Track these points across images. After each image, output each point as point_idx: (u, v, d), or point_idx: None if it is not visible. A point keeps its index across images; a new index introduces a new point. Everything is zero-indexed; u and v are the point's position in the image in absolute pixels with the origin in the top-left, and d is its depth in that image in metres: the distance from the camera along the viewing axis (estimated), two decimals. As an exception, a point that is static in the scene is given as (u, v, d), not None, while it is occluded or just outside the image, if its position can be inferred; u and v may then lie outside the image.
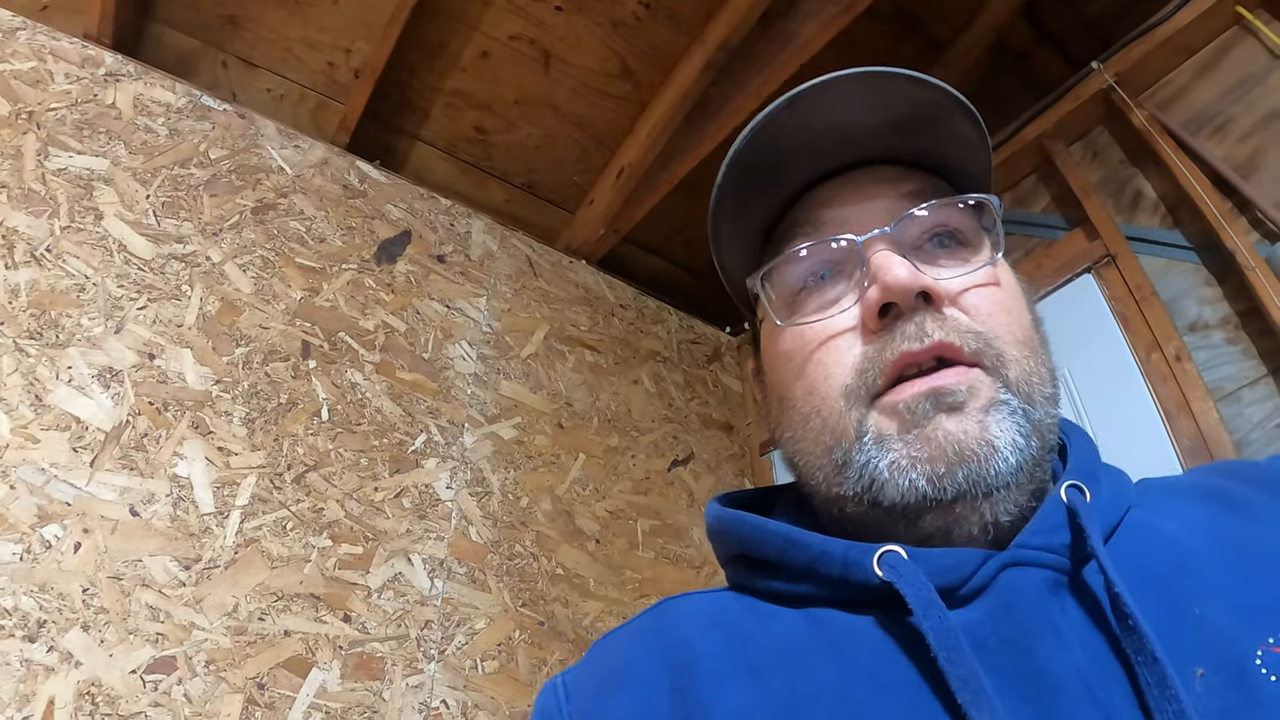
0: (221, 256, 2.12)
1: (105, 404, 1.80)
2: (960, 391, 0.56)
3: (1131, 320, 2.17)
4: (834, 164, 0.67)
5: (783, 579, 0.60)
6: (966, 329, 0.58)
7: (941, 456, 0.55)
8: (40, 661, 1.52)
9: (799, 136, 0.64)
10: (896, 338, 0.58)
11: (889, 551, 0.54)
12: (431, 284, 2.47)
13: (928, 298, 0.59)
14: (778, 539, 0.60)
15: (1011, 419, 0.56)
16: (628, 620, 0.66)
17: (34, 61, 2.10)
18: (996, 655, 0.49)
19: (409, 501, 2.10)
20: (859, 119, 0.64)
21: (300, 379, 2.10)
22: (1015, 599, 0.51)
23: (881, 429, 0.57)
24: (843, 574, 0.56)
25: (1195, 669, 0.47)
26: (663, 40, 2.55)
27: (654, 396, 2.77)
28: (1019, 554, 0.53)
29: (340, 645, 1.83)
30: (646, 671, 0.58)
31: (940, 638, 0.49)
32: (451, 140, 2.74)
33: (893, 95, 0.63)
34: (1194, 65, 2.29)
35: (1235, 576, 0.52)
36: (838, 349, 0.61)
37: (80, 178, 2.01)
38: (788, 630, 0.57)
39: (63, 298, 1.86)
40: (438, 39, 2.50)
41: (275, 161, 2.34)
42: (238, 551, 1.81)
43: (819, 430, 0.61)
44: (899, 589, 0.52)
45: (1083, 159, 2.50)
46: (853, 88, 0.62)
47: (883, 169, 0.67)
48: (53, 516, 1.64)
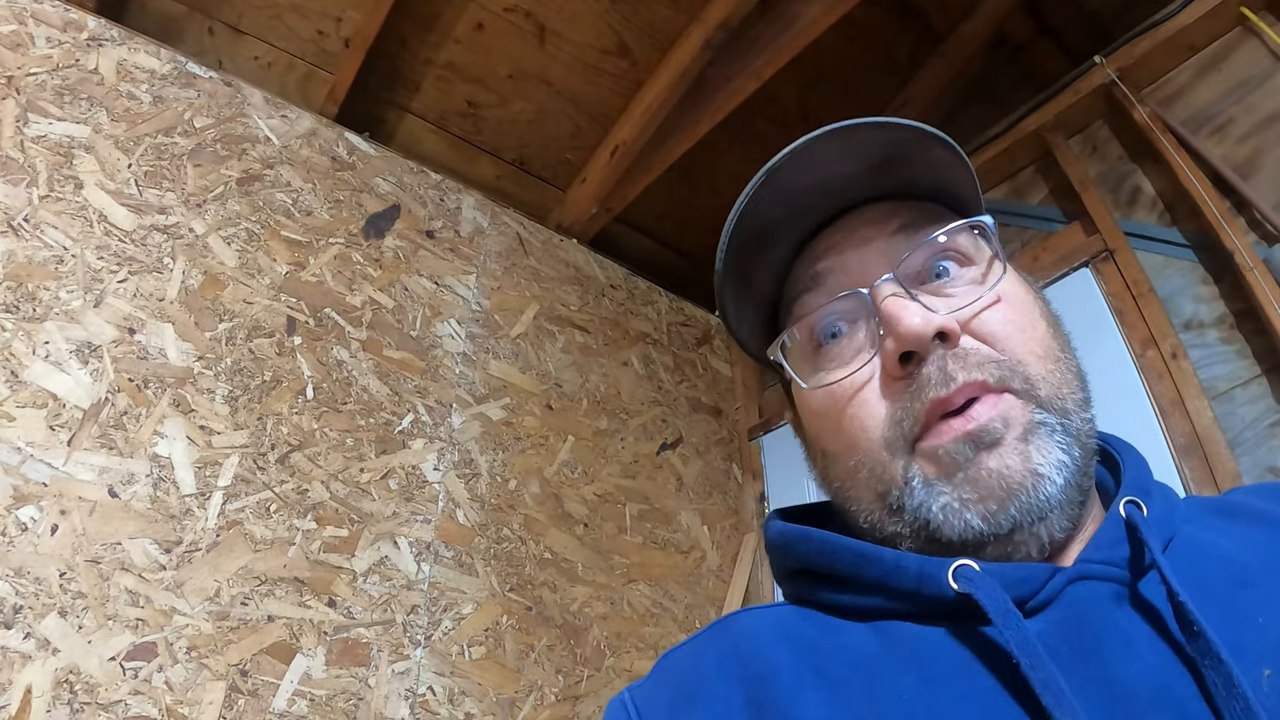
0: (205, 228, 2.04)
1: (83, 380, 1.73)
2: (996, 428, 0.56)
3: (1128, 316, 2.16)
4: (822, 216, 0.68)
5: (851, 593, 0.61)
6: (988, 359, 0.59)
7: (991, 495, 0.56)
8: (16, 649, 1.45)
9: (781, 205, 0.66)
10: (924, 385, 0.59)
11: (963, 565, 0.55)
12: (420, 260, 2.40)
13: (944, 336, 0.59)
14: (850, 553, 0.61)
15: (1051, 439, 0.57)
16: (691, 636, 0.66)
17: (14, 24, 2.00)
18: (1070, 663, 0.50)
19: (395, 483, 2.04)
20: (835, 171, 0.65)
21: (285, 356, 2.03)
22: (1084, 610, 0.53)
23: (926, 475, 0.58)
24: (916, 587, 0.57)
25: (1263, 670, 0.48)
26: (661, 17, 2.48)
27: (643, 379, 2.72)
28: (1085, 568, 0.55)
29: (325, 631, 1.78)
30: (720, 686, 0.58)
31: (1021, 645, 0.49)
32: (442, 113, 2.66)
33: (863, 143, 0.64)
34: (1196, 64, 2.28)
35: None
36: (868, 403, 0.62)
37: (60, 145, 1.93)
38: (858, 642, 0.58)
39: (40, 269, 1.78)
40: (431, 9, 2.42)
41: (262, 131, 2.26)
42: (220, 534, 1.75)
43: (868, 479, 0.62)
44: (977, 599, 0.52)
45: (1082, 153, 2.48)
46: (822, 146, 0.63)
47: (870, 209, 0.68)
48: (29, 498, 1.57)
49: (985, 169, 2.61)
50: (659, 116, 2.57)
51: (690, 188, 2.87)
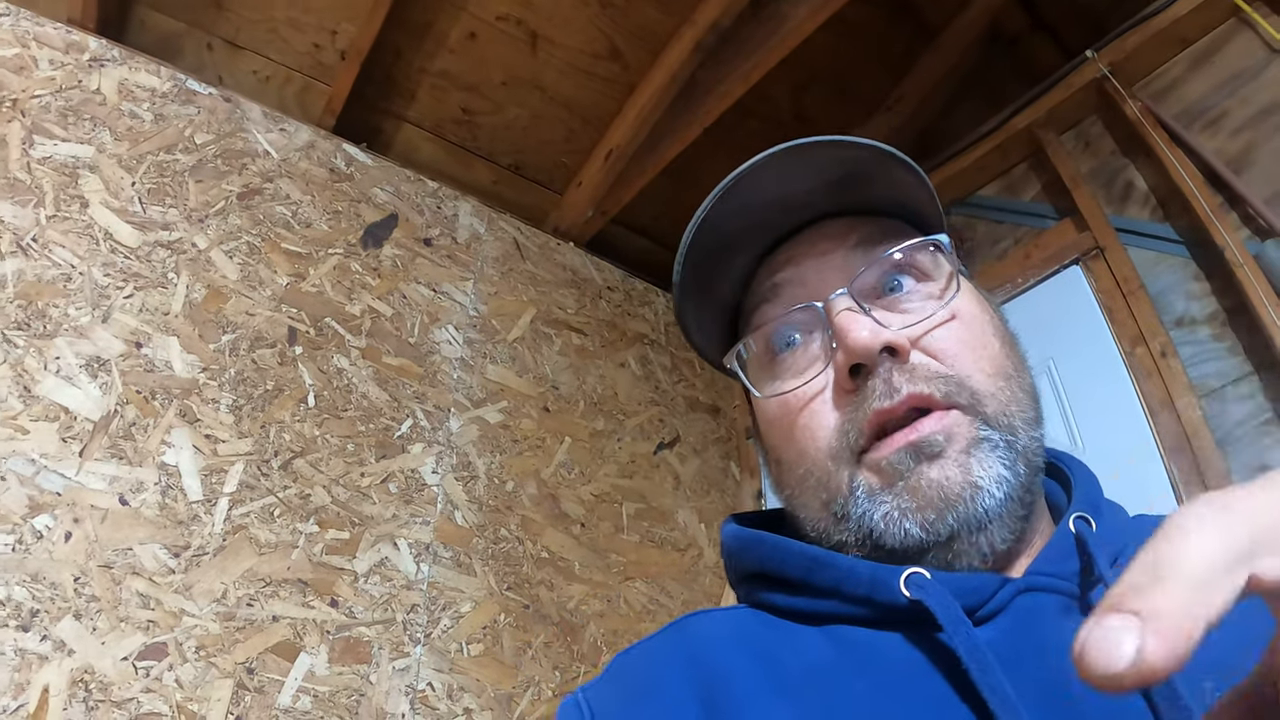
0: (207, 243, 2.17)
1: (93, 393, 1.86)
2: (938, 440, 0.60)
3: (1118, 313, 2.22)
4: (781, 231, 0.71)
5: (805, 597, 0.64)
6: (936, 374, 0.62)
7: (930, 504, 0.59)
8: (34, 650, 1.59)
9: (741, 219, 0.69)
10: (869, 396, 0.62)
11: (915, 573, 0.58)
12: (418, 268, 2.52)
13: (893, 350, 0.62)
14: (803, 558, 0.64)
15: (994, 454, 0.60)
16: (646, 637, 0.69)
17: (17, 48, 2.14)
18: (1017, 670, 0.52)
19: (395, 486, 2.16)
20: (794, 188, 0.68)
21: (286, 365, 2.15)
22: (1032, 620, 0.56)
23: (869, 484, 0.62)
24: (869, 593, 0.60)
25: (1204, 683, 0.50)
26: (652, 20, 2.58)
27: (640, 379, 2.83)
28: (1033, 580, 0.58)
29: (328, 630, 1.91)
30: (673, 686, 0.61)
31: (970, 651, 0.52)
32: (438, 121, 2.78)
33: (821, 161, 0.67)
34: (1189, 57, 2.32)
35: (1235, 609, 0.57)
36: (818, 413, 0.65)
37: (65, 166, 2.06)
38: (812, 647, 0.61)
39: (49, 288, 1.91)
40: (424, 19, 2.54)
41: (261, 145, 2.39)
42: (226, 538, 1.88)
43: (815, 488, 0.65)
44: (928, 606, 0.56)
45: (1074, 148, 2.54)
46: (779, 164, 0.66)
47: (829, 224, 0.71)
48: (43, 507, 1.71)
49: (978, 165, 2.68)
50: (651, 119, 2.67)
51: (686, 187, 2.95)
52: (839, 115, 3.00)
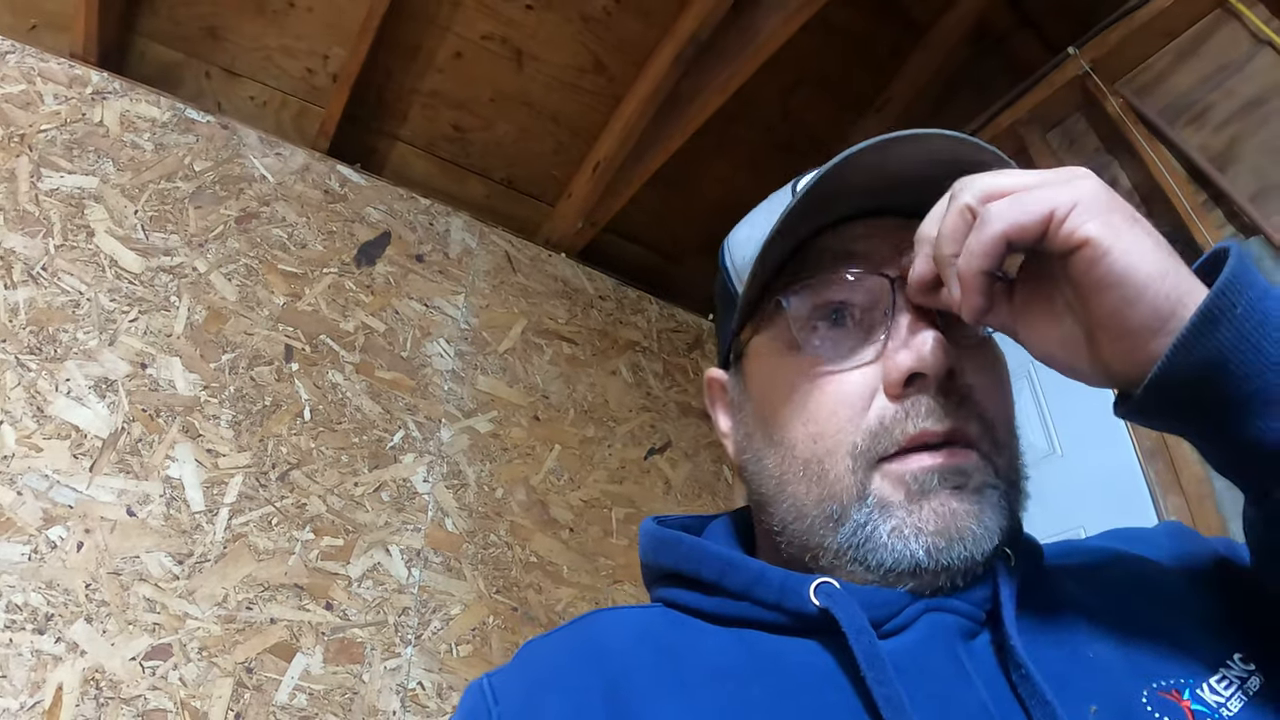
0: (207, 267, 2.42)
1: (102, 412, 2.12)
2: (965, 471, 0.62)
3: None
4: (875, 205, 0.69)
5: (718, 598, 0.66)
6: (977, 414, 0.64)
7: (944, 532, 0.60)
8: (49, 651, 1.84)
9: (867, 176, 0.65)
10: (920, 412, 0.62)
11: (824, 582, 0.62)
12: (410, 284, 2.76)
13: (951, 373, 0.63)
14: (717, 560, 0.67)
15: (997, 506, 0.62)
16: (554, 629, 0.71)
17: (24, 84, 2.40)
18: (915, 683, 0.56)
19: (387, 495, 2.40)
20: (913, 170, 0.65)
21: (283, 382, 2.40)
22: (934, 637, 0.60)
23: (885, 495, 0.62)
24: (778, 599, 0.63)
25: (1089, 706, 0.56)
26: (634, 34, 2.79)
27: (631, 386, 3.05)
28: (941, 601, 0.62)
29: (323, 631, 2.15)
30: (578, 677, 0.63)
31: (870, 660, 0.56)
32: (430, 139, 3.02)
33: (955, 154, 0.63)
34: (1174, 50, 2.37)
35: (1123, 632, 0.61)
36: (853, 404, 0.64)
37: (72, 197, 2.32)
38: (717, 649, 0.64)
39: (59, 314, 2.17)
40: (412, 41, 2.77)
41: (258, 170, 2.64)
42: (227, 546, 2.13)
43: (817, 478, 0.65)
44: (834, 614, 0.59)
45: (1059, 146, 2.62)
46: (932, 142, 0.63)
47: (909, 220, 0.67)
48: (56, 519, 1.97)
49: None
50: (637, 131, 2.87)
51: (677, 194, 3.17)
52: (828, 117, 3.17)
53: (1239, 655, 0.59)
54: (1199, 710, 0.56)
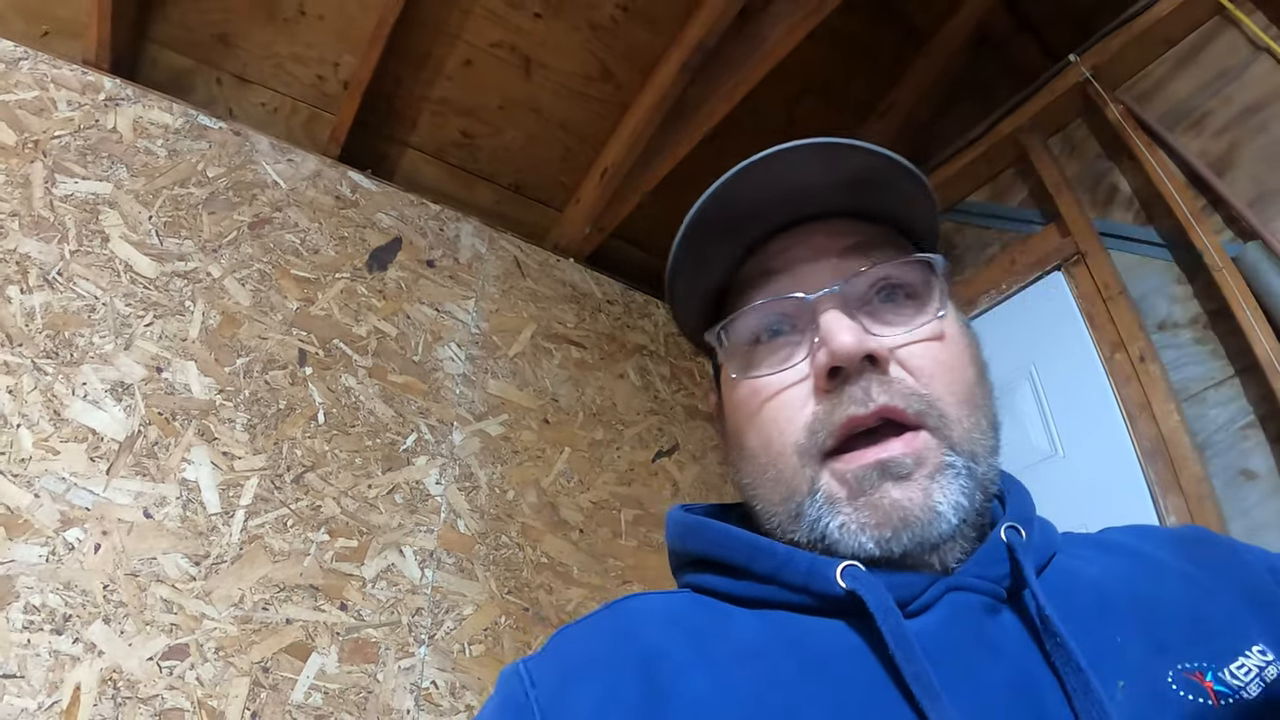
0: (221, 272, 2.42)
1: (118, 416, 2.12)
2: (907, 463, 0.64)
3: (1097, 319, 2.34)
4: (785, 220, 0.74)
5: (746, 581, 0.68)
6: (910, 391, 0.66)
7: (887, 522, 0.63)
8: (67, 652, 1.84)
9: (751, 200, 0.72)
10: (844, 401, 0.66)
11: (850, 565, 0.63)
12: (421, 288, 2.76)
13: (873, 359, 0.66)
14: (745, 545, 0.69)
15: (956, 481, 0.64)
16: (585, 615, 0.72)
17: (37, 90, 2.40)
18: (942, 660, 0.58)
19: (400, 497, 2.40)
20: (810, 181, 0.71)
21: (297, 385, 2.40)
22: (959, 616, 0.62)
23: (831, 491, 0.66)
24: (805, 582, 0.65)
25: (1118, 681, 0.58)
26: (641, 42, 2.81)
27: (639, 389, 3.05)
28: (962, 580, 0.64)
29: (338, 631, 2.14)
30: (611, 661, 0.64)
31: (898, 639, 0.58)
32: (440, 145, 3.03)
33: (842, 161, 0.70)
34: (1174, 57, 2.41)
35: (1146, 620, 0.63)
36: (790, 406, 0.69)
37: (86, 203, 2.32)
38: (745, 629, 0.65)
39: (75, 318, 2.17)
40: (421, 49, 2.78)
41: (270, 176, 2.64)
42: (243, 547, 2.12)
43: (775, 480, 0.69)
44: (861, 596, 0.61)
45: (1061, 152, 2.65)
46: (803, 154, 0.69)
47: (833, 222, 0.74)
48: (74, 521, 1.96)
49: (965, 172, 2.82)
50: (644, 138, 2.89)
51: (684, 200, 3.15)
52: (832, 123, 3.18)
53: (1258, 647, 0.61)
54: (1221, 690, 0.58)
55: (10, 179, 2.24)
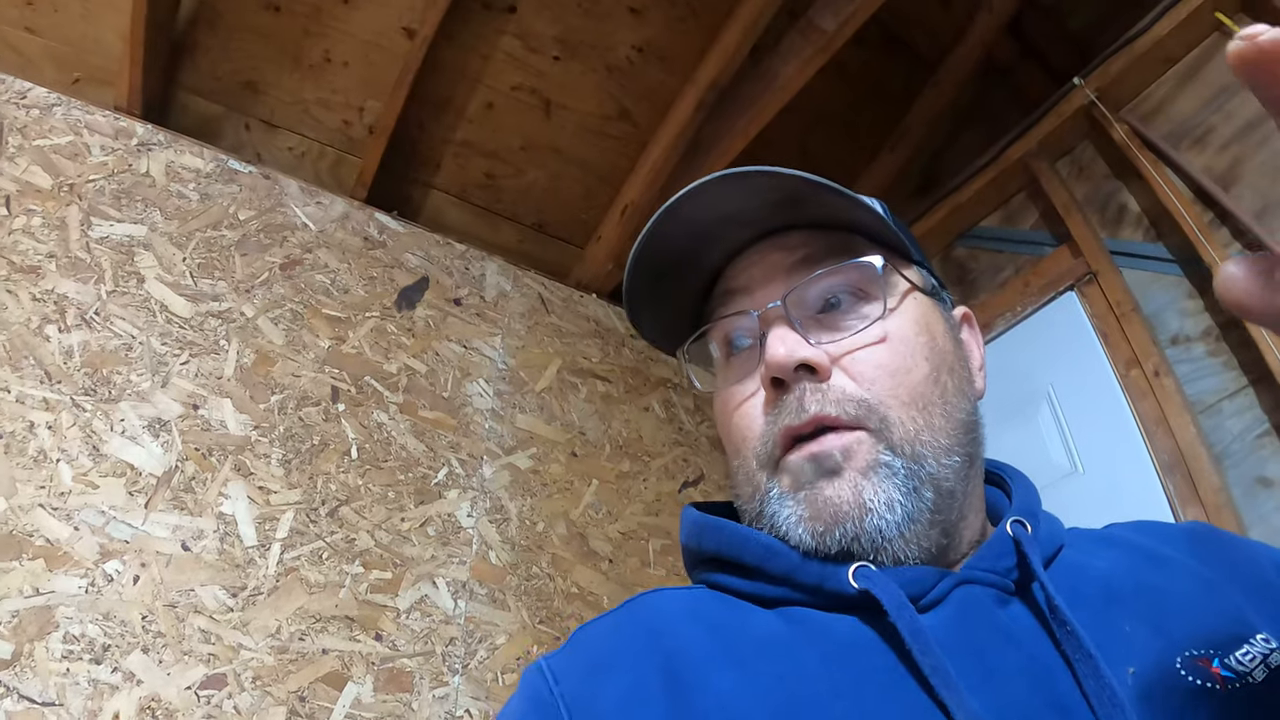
0: (254, 312, 2.41)
1: (156, 451, 2.09)
2: (834, 456, 0.65)
3: (1112, 336, 2.32)
4: (738, 241, 0.76)
5: (760, 582, 0.69)
6: (849, 397, 0.67)
7: (819, 517, 0.65)
8: (106, 681, 1.80)
9: (690, 234, 0.74)
10: (784, 411, 0.68)
11: (862, 565, 0.64)
12: (449, 326, 2.74)
13: (810, 368, 0.68)
14: (758, 546, 0.69)
15: (891, 480, 0.65)
16: (606, 612, 0.72)
17: (71, 136, 2.41)
18: (956, 653, 0.58)
19: (433, 530, 2.36)
20: (737, 207, 0.72)
21: (331, 421, 2.37)
22: (969, 609, 0.62)
23: (781, 488, 0.68)
24: (818, 582, 0.65)
25: (1128, 668, 0.58)
26: (656, 82, 2.82)
27: (664, 422, 3.02)
28: (970, 574, 0.64)
29: (373, 661, 2.10)
30: (634, 656, 0.64)
31: (914, 634, 0.58)
32: (463, 187, 3.03)
33: (758, 187, 0.70)
34: (1175, 75, 2.41)
35: (1152, 610, 0.63)
36: (747, 416, 0.72)
37: (121, 245, 2.31)
38: (765, 625, 0.65)
39: (112, 357, 2.15)
40: (444, 94, 2.80)
41: (299, 219, 2.64)
42: (279, 579, 2.09)
43: (744, 481, 0.72)
44: (875, 594, 0.61)
45: (1069, 174, 2.65)
46: (719, 188, 0.70)
47: (786, 235, 0.75)
48: (113, 553, 1.93)
49: (977, 198, 2.81)
50: (663, 175, 2.89)
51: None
52: (845, 156, 3.20)
53: (1262, 635, 0.61)
54: (1227, 675, 0.58)
55: (47, 221, 2.24)
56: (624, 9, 2.73)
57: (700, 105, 2.73)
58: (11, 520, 1.88)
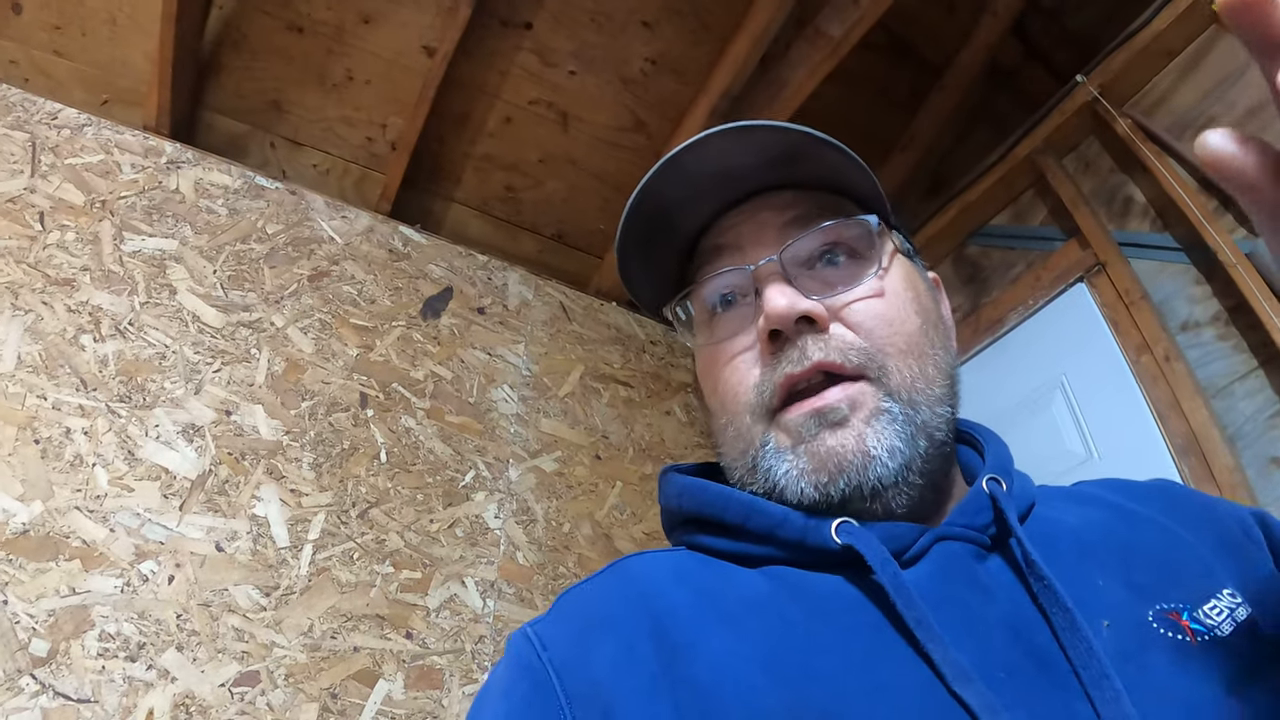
0: (284, 321, 2.42)
1: (190, 456, 2.10)
2: (841, 409, 0.65)
3: (1122, 324, 2.29)
4: (728, 199, 0.76)
5: (742, 541, 0.68)
6: (849, 346, 0.67)
7: (823, 468, 0.65)
8: (141, 678, 1.80)
9: (686, 187, 0.73)
10: (783, 361, 0.67)
11: (844, 521, 0.64)
12: (474, 334, 2.74)
13: (811, 320, 0.68)
14: (741, 505, 0.69)
15: (892, 426, 0.65)
16: (588, 577, 0.71)
17: (102, 154, 2.44)
18: (938, 605, 0.58)
19: (461, 531, 2.36)
20: (736, 162, 0.73)
21: (360, 426, 2.38)
22: (949, 563, 0.63)
23: (779, 442, 0.67)
24: (801, 538, 0.65)
25: (1102, 621, 0.59)
26: (670, 92, 2.83)
27: (685, 425, 3.00)
28: (949, 530, 0.65)
29: (403, 659, 2.09)
30: (623, 619, 0.63)
31: (896, 587, 0.58)
32: (484, 199, 3.04)
33: (760, 141, 0.71)
34: (1176, 68, 2.39)
35: (1124, 564, 0.64)
36: (741, 369, 0.71)
37: (154, 258, 2.33)
38: (749, 584, 0.65)
39: (146, 365, 2.16)
40: (463, 110, 2.81)
41: (326, 232, 2.65)
42: (311, 579, 2.09)
43: (734, 437, 0.71)
44: (858, 549, 0.61)
45: (1076, 170, 2.62)
46: (721, 141, 0.70)
47: (775, 195, 0.75)
48: (148, 554, 1.94)
49: (987, 196, 2.79)
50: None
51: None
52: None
53: (1228, 590, 0.62)
54: (1197, 629, 0.59)
55: (80, 236, 2.26)
56: (637, 22, 2.73)
57: (713, 113, 2.73)
58: (49, 522, 1.89)
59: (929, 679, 0.55)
